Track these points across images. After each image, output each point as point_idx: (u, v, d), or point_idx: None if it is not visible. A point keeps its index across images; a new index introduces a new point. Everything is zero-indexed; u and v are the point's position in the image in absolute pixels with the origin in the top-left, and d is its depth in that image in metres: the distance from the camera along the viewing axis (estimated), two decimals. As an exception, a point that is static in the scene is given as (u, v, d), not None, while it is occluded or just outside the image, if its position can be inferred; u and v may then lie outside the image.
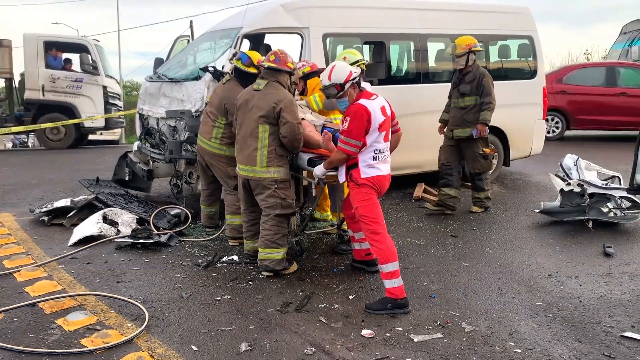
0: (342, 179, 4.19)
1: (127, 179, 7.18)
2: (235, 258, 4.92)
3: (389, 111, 4.09)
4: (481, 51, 6.41)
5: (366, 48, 7.42)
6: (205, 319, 3.74)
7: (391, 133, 4.19)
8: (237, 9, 7.76)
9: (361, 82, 5.45)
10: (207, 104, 5.54)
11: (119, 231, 5.51)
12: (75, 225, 5.68)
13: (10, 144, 20.25)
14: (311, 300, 4.05)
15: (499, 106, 7.53)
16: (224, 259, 4.93)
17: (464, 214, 6.52)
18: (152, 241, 5.22)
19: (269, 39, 7.48)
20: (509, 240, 5.57)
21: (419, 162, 7.20)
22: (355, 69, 4.13)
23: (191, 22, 13.90)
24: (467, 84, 6.22)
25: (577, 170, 6.60)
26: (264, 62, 4.67)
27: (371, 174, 4.01)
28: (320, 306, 3.97)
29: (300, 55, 6.64)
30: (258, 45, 7.19)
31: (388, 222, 4.13)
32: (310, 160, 4.57)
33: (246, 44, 7.04)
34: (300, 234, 5.37)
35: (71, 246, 5.22)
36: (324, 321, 3.72)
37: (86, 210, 6.00)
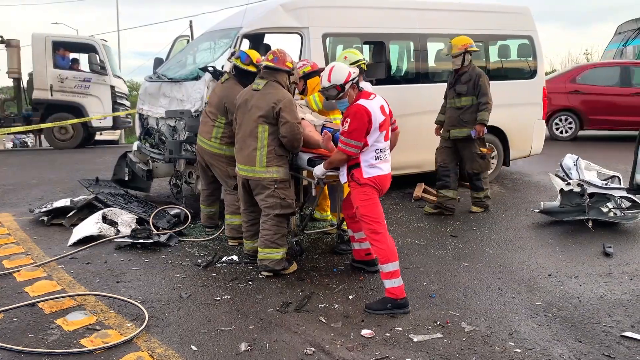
0: (343, 179, 4.18)
1: (126, 179, 7.18)
2: (234, 258, 4.92)
3: (387, 110, 4.09)
4: (477, 51, 6.41)
5: (366, 48, 7.42)
6: (204, 319, 3.74)
7: (390, 131, 4.19)
8: (237, 9, 7.76)
9: (361, 81, 5.49)
10: (207, 103, 5.53)
11: (118, 231, 5.51)
12: (75, 225, 5.68)
13: (10, 144, 20.24)
14: (311, 300, 4.05)
15: (499, 106, 7.54)
16: (223, 259, 4.93)
17: (463, 214, 6.52)
18: (151, 241, 5.22)
19: (268, 39, 7.49)
20: (508, 240, 5.57)
21: (419, 162, 7.20)
22: (354, 70, 4.13)
23: (191, 22, 13.87)
24: (463, 84, 6.22)
25: (577, 170, 6.61)
26: (263, 61, 4.67)
27: (373, 173, 4.01)
28: (320, 306, 3.96)
29: (300, 55, 6.64)
30: (258, 45, 7.19)
31: (388, 222, 4.13)
32: (310, 160, 4.57)
33: (246, 44, 7.04)
34: (300, 234, 5.37)
35: (71, 246, 5.22)
36: (323, 321, 3.72)
37: (86, 210, 6.00)
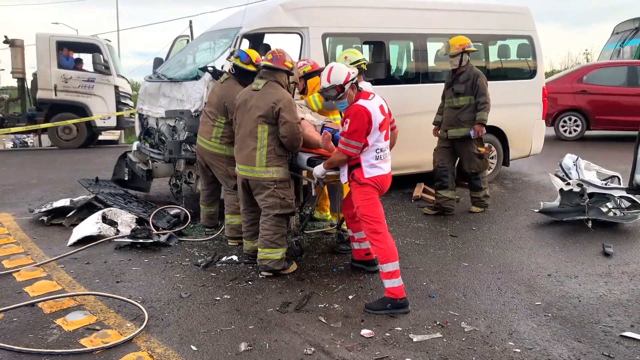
0: (344, 179, 4.18)
1: (126, 178, 7.18)
2: (234, 258, 4.92)
3: (386, 109, 4.09)
4: (475, 51, 6.41)
5: (366, 48, 7.42)
6: (204, 318, 3.74)
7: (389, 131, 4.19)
8: (237, 8, 7.76)
9: (361, 81, 5.49)
10: (206, 103, 5.53)
11: (118, 231, 5.51)
12: (75, 225, 5.68)
13: (11, 144, 20.22)
14: (310, 300, 4.05)
15: (498, 106, 7.54)
16: (223, 259, 4.93)
17: (463, 214, 6.52)
18: (151, 241, 5.22)
19: (268, 39, 7.50)
20: (508, 240, 5.57)
21: (418, 162, 7.21)
22: (353, 70, 4.12)
23: (190, 22, 13.89)
24: (461, 83, 6.22)
25: (577, 170, 6.61)
26: (262, 61, 4.67)
27: (374, 173, 4.01)
28: (319, 306, 3.96)
29: (300, 55, 6.64)
30: (257, 45, 7.20)
31: (388, 222, 4.13)
32: (310, 160, 4.57)
33: (246, 43, 7.05)
34: (299, 233, 5.37)
35: (70, 246, 5.22)
36: (323, 321, 3.72)
37: (85, 210, 6.00)
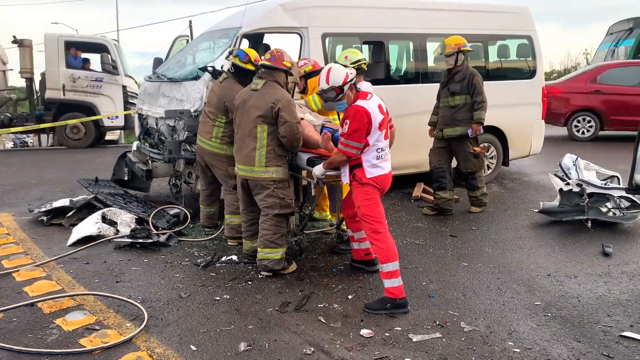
0: (345, 180, 4.17)
1: (126, 178, 7.18)
2: (234, 258, 4.92)
3: (385, 108, 4.09)
4: (471, 51, 6.41)
5: (365, 48, 7.43)
6: (204, 318, 3.74)
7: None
8: (236, 8, 7.76)
9: (361, 81, 5.49)
10: (206, 103, 5.53)
11: (118, 231, 5.51)
12: (74, 225, 5.68)
13: (11, 144, 20.22)
14: (310, 300, 4.05)
15: (498, 106, 7.54)
16: (223, 258, 4.93)
17: (463, 214, 6.52)
18: (151, 241, 5.22)
19: (268, 39, 7.50)
20: (508, 240, 5.57)
21: (418, 162, 7.21)
22: (351, 71, 4.12)
23: (190, 21, 13.92)
24: (457, 83, 6.23)
25: (576, 170, 6.61)
26: (261, 61, 4.67)
27: (376, 173, 4.01)
28: (319, 306, 3.97)
29: (300, 55, 6.64)
30: (257, 45, 7.20)
31: (387, 222, 4.13)
32: (310, 160, 4.57)
33: (245, 43, 7.05)
34: (299, 233, 5.37)
35: (70, 246, 5.22)
36: (323, 321, 3.72)
37: (85, 210, 6.00)
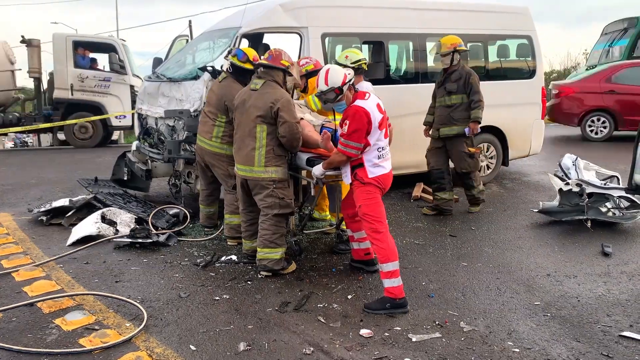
0: (347, 180, 4.16)
1: (125, 178, 7.18)
2: (233, 258, 4.92)
3: (383, 107, 4.10)
4: (466, 51, 6.40)
5: (365, 48, 7.43)
6: (203, 318, 3.74)
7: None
8: (236, 8, 7.76)
9: (362, 81, 5.50)
10: (205, 103, 5.52)
11: (117, 231, 5.51)
12: (74, 225, 5.67)
13: (11, 144, 20.24)
14: (310, 300, 4.05)
15: (498, 106, 7.55)
16: (222, 258, 4.93)
17: (462, 214, 6.52)
18: (150, 241, 5.22)
19: (268, 39, 7.49)
20: (507, 240, 5.57)
21: (418, 162, 7.20)
22: (349, 71, 4.13)
23: (190, 21, 13.92)
24: (453, 82, 6.23)
25: (576, 170, 6.61)
26: (260, 60, 4.67)
27: (377, 173, 4.01)
28: (318, 306, 3.97)
29: (299, 55, 6.64)
30: (257, 44, 7.20)
31: (387, 221, 4.13)
32: (309, 160, 4.56)
33: (245, 43, 7.04)
34: (298, 233, 5.37)
35: (69, 246, 5.22)
36: (322, 321, 3.72)
37: (85, 210, 6.00)
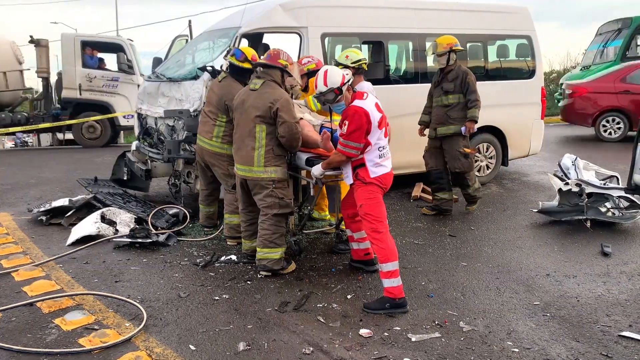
0: (349, 181, 4.16)
1: (125, 178, 7.18)
2: (233, 257, 4.92)
3: (381, 106, 4.10)
4: (462, 50, 6.39)
5: (365, 48, 7.43)
6: (203, 318, 3.75)
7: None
8: (236, 8, 7.77)
9: (362, 81, 5.50)
10: (205, 103, 5.52)
11: (117, 231, 5.51)
12: (74, 224, 5.67)
13: (11, 144, 20.22)
14: (309, 300, 4.05)
15: (497, 106, 7.55)
16: (222, 258, 4.93)
17: (462, 214, 6.52)
18: (150, 241, 5.22)
19: (267, 39, 7.49)
20: (507, 240, 5.57)
21: (418, 162, 7.20)
22: (347, 72, 4.13)
23: (190, 21, 13.85)
24: (450, 82, 6.22)
25: (576, 169, 6.61)
26: (258, 60, 4.67)
27: (379, 172, 4.02)
28: (318, 306, 3.97)
29: (299, 55, 6.64)
30: (257, 44, 7.20)
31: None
32: (309, 159, 4.56)
33: (245, 43, 7.04)
34: (298, 233, 5.37)
35: (69, 246, 5.22)
36: (322, 320, 3.73)
37: (84, 209, 6.00)
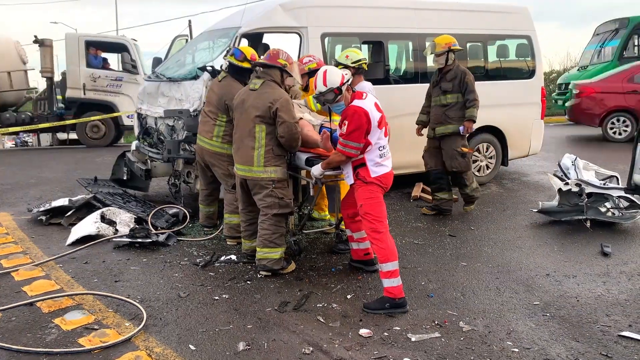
0: (350, 181, 4.16)
1: (125, 178, 7.18)
2: (233, 257, 4.92)
3: (380, 106, 4.10)
4: (460, 50, 6.40)
5: (365, 48, 7.43)
6: (203, 318, 3.75)
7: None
8: (236, 8, 7.77)
9: (362, 81, 5.49)
10: (205, 103, 5.52)
11: (117, 230, 5.51)
12: (73, 224, 5.67)
13: (11, 143, 20.21)
14: (309, 300, 4.05)
15: (497, 106, 7.55)
16: (222, 258, 4.93)
17: (461, 214, 6.52)
18: (150, 240, 5.22)
19: (267, 39, 7.49)
20: (507, 240, 5.58)
21: (418, 162, 7.20)
22: (346, 72, 4.13)
23: (190, 21, 13.86)
24: (448, 81, 6.22)
25: (575, 169, 6.61)
26: (258, 59, 4.67)
27: (380, 172, 4.02)
28: (318, 305, 3.97)
29: (299, 55, 6.64)
30: (257, 44, 7.20)
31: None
32: (308, 159, 4.56)
33: (245, 43, 7.04)
34: (298, 233, 5.37)
35: (69, 245, 5.22)
36: (321, 320, 3.73)
37: (84, 209, 6.00)
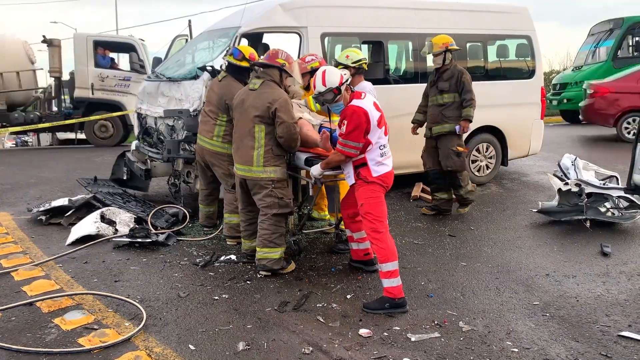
0: (351, 180, 4.16)
1: (125, 178, 7.17)
2: (233, 257, 4.92)
3: (379, 105, 4.10)
4: (458, 50, 6.39)
5: (364, 47, 7.43)
6: (202, 318, 3.75)
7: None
8: (235, 8, 7.77)
9: (362, 81, 5.49)
10: (205, 102, 5.52)
11: (116, 230, 5.51)
12: (73, 224, 5.67)
13: (11, 143, 20.23)
14: (309, 300, 4.06)
15: (497, 106, 7.55)
16: (221, 258, 4.93)
17: (461, 214, 6.52)
18: (149, 240, 5.22)
19: (267, 39, 7.49)
20: (506, 240, 5.58)
21: (417, 162, 7.20)
22: (344, 72, 4.14)
23: (190, 21, 13.85)
24: (445, 81, 6.21)
25: (575, 170, 6.61)
26: (257, 59, 4.67)
27: (381, 171, 4.02)
28: (317, 305, 3.97)
29: (299, 55, 6.64)
30: (256, 44, 7.19)
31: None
32: (308, 159, 4.57)
33: (245, 43, 7.04)
34: (298, 233, 5.37)
35: (69, 245, 5.22)
36: (321, 320, 3.73)
37: (84, 209, 6.00)
